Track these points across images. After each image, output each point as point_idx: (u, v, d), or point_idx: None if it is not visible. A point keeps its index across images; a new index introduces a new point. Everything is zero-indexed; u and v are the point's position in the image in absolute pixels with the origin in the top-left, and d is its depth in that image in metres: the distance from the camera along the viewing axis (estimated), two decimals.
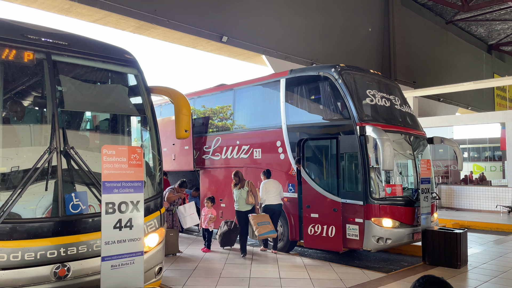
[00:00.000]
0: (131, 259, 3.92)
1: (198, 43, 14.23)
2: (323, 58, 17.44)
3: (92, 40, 4.73)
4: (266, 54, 15.45)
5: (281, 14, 16.08)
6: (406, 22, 22.32)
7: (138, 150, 4.08)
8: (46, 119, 4.22)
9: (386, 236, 7.28)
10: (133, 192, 3.98)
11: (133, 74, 4.92)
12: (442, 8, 24.65)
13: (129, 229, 3.92)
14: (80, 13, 11.57)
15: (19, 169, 3.91)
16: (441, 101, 23.30)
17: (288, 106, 8.83)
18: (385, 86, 8.65)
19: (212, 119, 10.67)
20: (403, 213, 7.57)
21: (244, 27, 14.84)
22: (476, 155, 22.33)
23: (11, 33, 4.00)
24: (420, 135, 8.73)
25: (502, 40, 30.43)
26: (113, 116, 5.10)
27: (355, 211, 7.47)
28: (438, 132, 12.59)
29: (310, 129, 8.38)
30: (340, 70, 8.00)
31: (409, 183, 8.42)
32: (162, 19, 12.49)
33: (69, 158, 3.99)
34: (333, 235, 7.63)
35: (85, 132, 5.12)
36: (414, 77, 22.26)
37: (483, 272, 6.85)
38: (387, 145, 6.84)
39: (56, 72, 4.18)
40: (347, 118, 7.70)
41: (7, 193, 3.66)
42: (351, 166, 7.78)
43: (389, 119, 8.09)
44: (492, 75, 30.46)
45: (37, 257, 3.62)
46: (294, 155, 8.50)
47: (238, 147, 9.67)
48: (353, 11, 19.48)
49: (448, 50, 26.42)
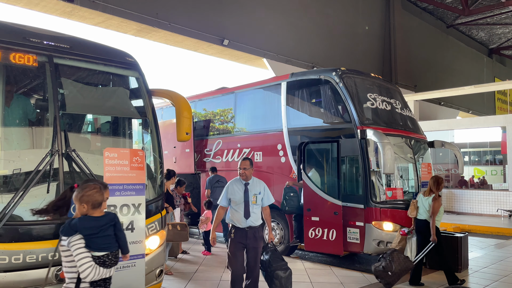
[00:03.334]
0: (132, 262, 3.93)
1: (199, 46, 14.27)
2: (324, 61, 17.48)
3: (93, 43, 4.75)
4: (267, 58, 15.48)
5: (282, 17, 16.12)
6: (407, 26, 22.36)
7: (140, 153, 4.09)
8: (48, 122, 4.23)
9: (387, 239, 7.27)
10: (134, 195, 3.99)
11: (135, 77, 4.93)
12: (443, 12, 24.70)
13: (130, 231, 3.93)
14: (82, 16, 11.61)
15: (21, 171, 3.92)
16: (442, 105, 23.31)
17: (289, 109, 8.85)
18: (386, 90, 8.67)
19: (213, 122, 10.68)
20: (403, 217, 7.56)
21: (245, 31, 14.89)
22: (477, 159, 22.31)
23: (13, 36, 4.02)
24: (421, 138, 8.73)
25: (503, 44, 30.47)
26: (114, 119, 5.12)
27: (356, 214, 7.47)
28: (439, 135, 12.60)
29: (311, 132, 8.39)
30: (341, 74, 8.01)
31: (409, 187, 8.42)
32: (163, 22, 12.53)
33: (71, 161, 4.00)
34: (333, 239, 7.62)
35: (87, 135, 5.13)
36: (415, 81, 22.28)
37: (484, 276, 6.84)
38: (388, 148, 6.84)
39: (58, 75, 4.19)
40: (348, 122, 7.70)
41: (9, 196, 3.66)
42: (352, 169, 7.78)
43: (390, 123, 8.10)
44: (493, 79, 30.49)
45: (39, 260, 3.62)
46: (295, 158, 8.51)
47: (239, 150, 9.68)
48: (354, 15, 19.53)
49: (449, 54, 26.45)
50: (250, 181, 5.19)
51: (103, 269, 3.08)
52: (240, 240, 5.07)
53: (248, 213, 5.06)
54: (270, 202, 5.33)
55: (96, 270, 3.01)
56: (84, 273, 2.99)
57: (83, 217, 3.17)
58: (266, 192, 5.28)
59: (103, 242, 3.14)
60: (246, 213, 5.06)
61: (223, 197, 5.28)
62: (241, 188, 5.15)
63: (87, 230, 3.10)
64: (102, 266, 3.09)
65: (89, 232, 3.10)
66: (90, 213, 3.18)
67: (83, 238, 3.07)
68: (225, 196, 5.25)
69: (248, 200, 5.08)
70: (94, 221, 3.15)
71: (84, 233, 3.09)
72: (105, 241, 3.16)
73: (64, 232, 3.11)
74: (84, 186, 3.24)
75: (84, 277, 3.00)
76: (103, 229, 3.15)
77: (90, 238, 3.10)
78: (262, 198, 5.22)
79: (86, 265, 2.99)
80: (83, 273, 2.99)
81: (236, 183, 5.23)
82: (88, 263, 3.00)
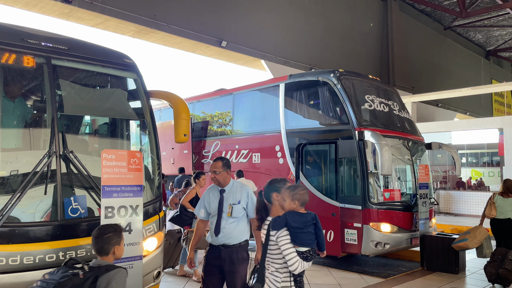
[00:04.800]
0: (130, 263, 3.92)
1: (197, 47, 14.27)
2: (322, 63, 17.50)
3: (91, 45, 4.75)
4: (265, 59, 15.50)
5: (281, 19, 16.15)
6: (404, 28, 22.42)
7: (137, 154, 4.09)
8: (45, 123, 4.22)
9: (384, 241, 7.28)
10: (132, 196, 3.99)
11: (133, 78, 4.93)
12: (440, 14, 24.78)
13: (128, 233, 3.92)
14: (80, 17, 11.60)
15: (18, 172, 3.91)
16: (440, 107, 23.37)
17: (287, 111, 8.86)
18: (383, 92, 8.69)
19: (211, 124, 10.68)
20: (401, 218, 7.58)
21: (244, 32, 14.90)
22: (474, 161, 22.37)
23: (11, 38, 4.01)
24: (419, 140, 8.76)
25: (500, 46, 30.58)
26: (112, 120, 5.11)
27: (354, 215, 7.48)
28: (436, 137, 12.61)
29: (309, 133, 8.40)
30: (339, 75, 8.03)
31: (407, 188, 8.44)
32: (161, 23, 12.53)
33: (69, 162, 4.00)
34: (331, 240, 7.63)
35: (85, 136, 5.12)
36: (413, 83, 22.33)
37: (481, 278, 6.85)
38: (385, 150, 6.86)
39: (55, 76, 4.19)
40: (346, 123, 7.72)
41: (7, 197, 3.66)
42: (350, 170, 7.79)
43: (388, 124, 8.12)
44: (490, 81, 30.58)
45: (36, 261, 3.62)
46: (293, 159, 8.52)
47: (237, 152, 9.68)
48: (351, 16, 19.57)
49: (447, 56, 26.53)
50: (227, 187, 4.17)
51: (306, 262, 3.32)
52: (213, 262, 4.04)
53: (218, 228, 4.04)
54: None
55: (302, 264, 3.28)
56: (293, 266, 3.26)
57: (292, 212, 3.42)
58: (250, 201, 4.15)
59: (307, 237, 3.36)
60: (216, 228, 4.05)
61: (200, 206, 4.31)
62: (216, 196, 4.16)
63: (295, 223, 3.35)
64: (305, 260, 3.32)
65: (296, 225, 3.34)
66: (297, 210, 3.44)
67: (289, 234, 3.32)
68: (202, 206, 4.28)
69: (221, 211, 4.08)
70: (301, 217, 3.40)
71: (292, 225, 3.33)
72: (308, 237, 3.37)
73: (274, 226, 3.35)
74: (297, 186, 3.63)
75: (293, 269, 3.28)
76: (307, 225, 3.38)
77: (296, 233, 3.33)
78: (244, 208, 4.11)
79: (295, 259, 3.26)
80: (292, 266, 3.26)
81: (213, 190, 4.23)
82: (296, 257, 3.27)
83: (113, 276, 2.64)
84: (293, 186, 3.60)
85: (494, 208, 6.89)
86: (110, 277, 2.60)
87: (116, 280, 2.59)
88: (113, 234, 2.99)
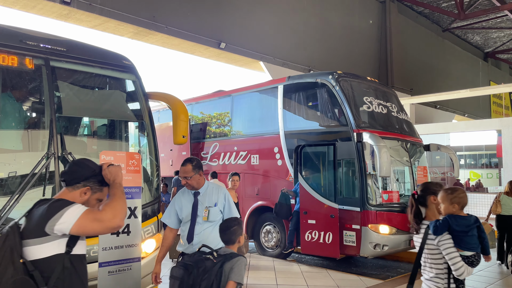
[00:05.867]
0: (128, 265, 3.91)
1: (196, 49, 14.28)
2: (320, 65, 17.54)
3: (90, 46, 4.75)
4: (264, 61, 15.52)
5: (279, 21, 16.18)
6: (403, 30, 22.49)
7: (136, 156, 4.08)
8: (44, 125, 4.22)
9: (383, 242, 7.28)
10: (130, 198, 3.98)
11: (131, 80, 4.93)
12: (438, 16, 24.85)
13: (126, 235, 3.91)
14: (78, 19, 11.61)
15: (16, 174, 3.90)
16: (438, 108, 23.42)
17: (286, 112, 8.87)
18: (382, 93, 8.70)
19: (210, 125, 10.68)
20: (400, 220, 7.58)
21: (242, 34, 14.92)
22: (473, 162, 22.41)
23: (10, 39, 4.01)
24: (417, 142, 8.77)
25: (498, 48, 30.68)
26: (111, 122, 5.11)
27: (352, 217, 7.48)
28: (435, 139, 12.64)
29: (307, 135, 8.41)
30: (337, 77, 8.04)
31: (405, 190, 8.44)
32: (160, 25, 12.54)
33: (67, 164, 3.99)
34: (330, 242, 7.63)
35: (83, 138, 5.12)
36: (411, 84, 22.38)
37: (479, 279, 6.86)
38: (384, 151, 6.87)
39: (54, 78, 4.19)
40: (344, 125, 7.73)
41: (5, 199, 3.65)
42: (348, 172, 7.80)
43: (386, 126, 8.13)
44: (488, 83, 30.67)
45: None
46: (291, 161, 8.52)
47: (236, 153, 9.68)
48: (350, 18, 19.62)
49: (445, 58, 26.60)
50: (202, 189, 3.72)
51: (471, 268, 3.21)
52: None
53: (191, 234, 3.59)
54: (233, 216, 3.61)
55: (468, 269, 3.16)
56: (458, 271, 3.14)
57: (453, 215, 3.31)
58: (227, 203, 3.74)
59: (472, 241, 3.27)
60: (189, 235, 3.60)
61: (168, 212, 3.80)
62: (190, 200, 3.70)
63: (459, 227, 3.26)
64: (470, 265, 3.21)
65: (460, 229, 3.25)
66: (457, 213, 3.35)
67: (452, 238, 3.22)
68: (172, 211, 3.76)
69: (195, 215, 3.63)
70: (464, 220, 3.31)
71: (456, 229, 3.24)
72: (473, 241, 3.28)
73: (436, 231, 3.26)
74: (455, 189, 3.49)
75: (459, 274, 3.16)
76: (471, 228, 3.29)
77: (460, 236, 3.24)
78: (221, 211, 3.69)
79: (460, 263, 3.14)
80: (457, 271, 3.15)
81: (185, 193, 3.78)
82: (461, 262, 3.15)
83: (235, 262, 3.10)
84: (451, 189, 3.49)
85: (499, 205, 7.93)
86: (233, 263, 3.09)
87: (238, 265, 3.08)
88: (237, 226, 3.33)
